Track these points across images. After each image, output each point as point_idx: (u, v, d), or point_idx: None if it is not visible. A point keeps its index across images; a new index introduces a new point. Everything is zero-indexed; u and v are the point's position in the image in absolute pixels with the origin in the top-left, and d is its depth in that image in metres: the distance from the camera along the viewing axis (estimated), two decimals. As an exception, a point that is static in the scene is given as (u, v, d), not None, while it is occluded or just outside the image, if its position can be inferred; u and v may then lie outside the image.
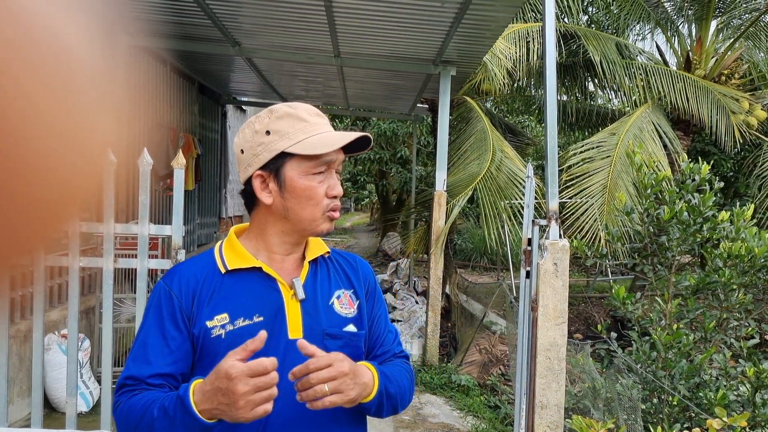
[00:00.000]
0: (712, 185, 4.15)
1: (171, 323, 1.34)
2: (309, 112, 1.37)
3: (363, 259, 1.60)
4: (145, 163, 2.74)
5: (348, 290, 1.47)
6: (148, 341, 1.34)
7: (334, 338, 1.38)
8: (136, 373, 1.31)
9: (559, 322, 3.15)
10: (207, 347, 1.32)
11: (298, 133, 1.33)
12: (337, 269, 1.50)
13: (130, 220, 5.82)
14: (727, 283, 3.94)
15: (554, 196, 3.25)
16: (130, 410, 1.27)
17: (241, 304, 1.35)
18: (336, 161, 1.38)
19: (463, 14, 4.71)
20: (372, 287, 1.54)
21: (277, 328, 1.34)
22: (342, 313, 1.43)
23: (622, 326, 7.13)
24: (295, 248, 1.43)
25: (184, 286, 1.36)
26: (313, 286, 1.42)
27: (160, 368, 1.31)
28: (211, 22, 5.35)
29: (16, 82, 0.28)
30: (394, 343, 1.54)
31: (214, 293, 1.36)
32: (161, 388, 1.31)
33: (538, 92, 10.86)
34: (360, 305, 1.47)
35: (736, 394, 3.65)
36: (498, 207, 6.56)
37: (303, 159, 1.33)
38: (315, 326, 1.37)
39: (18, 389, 4.30)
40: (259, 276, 1.38)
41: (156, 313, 1.36)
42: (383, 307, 1.57)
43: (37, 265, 2.73)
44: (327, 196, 1.36)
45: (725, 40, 9.62)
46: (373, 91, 8.93)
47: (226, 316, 1.33)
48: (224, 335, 1.32)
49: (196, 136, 8.08)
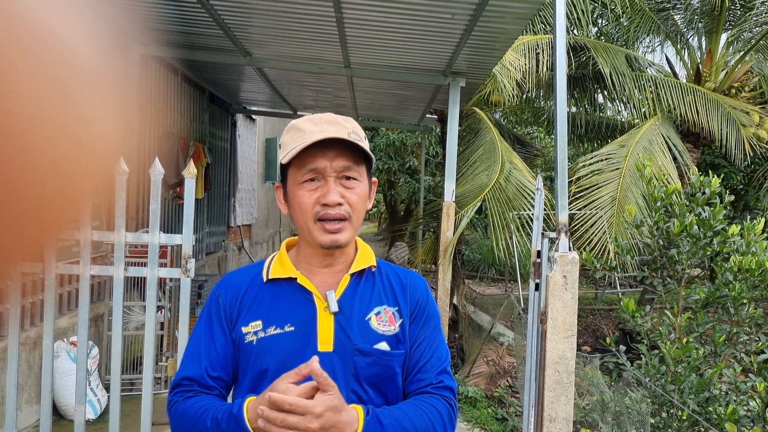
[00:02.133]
0: (723, 198, 4.14)
1: (218, 326, 1.39)
2: (314, 122, 1.34)
3: (419, 278, 1.50)
4: (156, 173, 2.75)
5: (391, 307, 1.40)
6: (200, 343, 1.40)
7: (363, 355, 1.34)
8: (189, 374, 1.37)
9: (568, 335, 3.14)
10: (242, 352, 1.36)
11: (291, 144, 1.33)
12: (384, 284, 1.44)
13: (139, 229, 5.85)
14: (737, 297, 3.92)
15: (564, 208, 3.25)
16: (184, 414, 1.32)
17: (276, 312, 1.36)
18: (327, 168, 1.31)
19: (474, 26, 4.73)
20: (420, 308, 1.43)
21: (307, 340, 1.33)
22: (378, 329, 1.37)
23: (630, 339, 7.09)
24: (327, 259, 1.40)
25: (230, 292, 1.41)
26: (351, 300, 1.38)
27: (210, 369, 1.36)
28: (222, 32, 5.39)
29: (21, 86, 0.28)
30: (436, 371, 1.40)
31: (254, 300, 1.39)
32: (212, 391, 1.36)
33: (547, 103, 10.87)
34: (403, 324, 1.39)
35: (746, 409, 3.62)
36: (506, 218, 6.55)
37: (295, 168, 1.33)
38: (346, 341, 1.34)
39: (27, 396, 4.32)
40: (297, 286, 1.38)
41: (206, 316, 1.42)
42: (433, 331, 1.44)
43: (48, 273, 2.74)
44: (319, 203, 1.32)
45: (735, 53, 9.60)
46: (383, 102, 8.95)
47: (260, 324, 1.35)
48: (255, 341, 1.35)
49: (206, 145, 8.12)
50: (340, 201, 1.31)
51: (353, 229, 1.37)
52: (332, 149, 1.31)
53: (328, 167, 1.31)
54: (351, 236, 1.37)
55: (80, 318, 2.79)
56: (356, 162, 1.34)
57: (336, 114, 1.37)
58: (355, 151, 1.33)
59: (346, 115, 1.39)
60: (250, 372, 1.35)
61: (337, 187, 1.32)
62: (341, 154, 1.32)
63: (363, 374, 1.33)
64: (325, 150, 1.30)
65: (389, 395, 1.38)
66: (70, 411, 4.43)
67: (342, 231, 1.34)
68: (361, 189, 1.36)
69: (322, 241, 1.33)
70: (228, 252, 9.91)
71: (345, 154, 1.32)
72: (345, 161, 1.32)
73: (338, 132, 1.30)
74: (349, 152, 1.33)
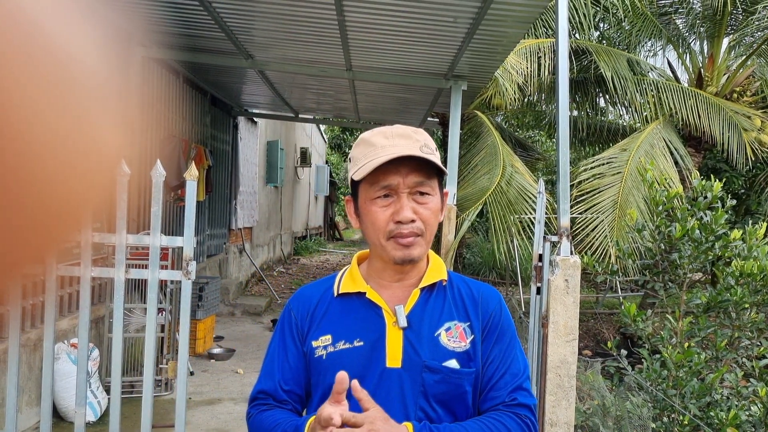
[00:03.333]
0: (724, 203, 4.13)
1: (290, 340, 1.41)
2: (385, 135, 1.32)
3: (493, 292, 1.45)
4: (158, 175, 2.75)
5: (462, 323, 1.36)
6: (274, 357, 1.42)
7: (432, 372, 1.31)
8: (263, 387, 1.40)
9: (569, 339, 3.13)
10: (313, 366, 1.37)
11: (362, 159, 1.31)
12: (455, 299, 1.40)
13: (140, 231, 5.85)
14: (739, 301, 3.91)
15: (566, 212, 3.25)
16: (260, 426, 1.36)
17: (345, 327, 1.36)
18: (401, 184, 1.28)
19: (475, 30, 4.73)
20: (493, 324, 1.39)
21: (376, 355, 1.32)
22: (448, 346, 1.33)
23: (632, 343, 7.08)
24: (399, 274, 1.38)
25: (301, 306, 1.42)
26: (421, 315, 1.35)
27: (282, 383, 1.38)
28: (224, 35, 5.40)
29: (24, 91, 0.28)
30: (509, 389, 1.35)
31: (325, 315, 1.39)
32: (285, 405, 1.38)
33: (549, 107, 10.87)
34: (474, 341, 1.35)
35: (747, 414, 3.61)
36: (508, 221, 6.55)
37: (367, 185, 1.31)
38: (414, 357, 1.31)
39: (27, 398, 4.31)
40: (366, 301, 1.37)
41: (280, 330, 1.44)
42: (508, 347, 1.39)
43: (49, 275, 2.74)
44: (393, 221, 1.29)
45: (737, 57, 9.60)
46: (384, 105, 8.96)
47: (330, 338, 1.35)
48: (325, 356, 1.34)
49: (208, 148, 8.12)
50: (413, 218, 1.29)
51: (426, 244, 1.34)
52: (405, 165, 1.28)
53: (401, 184, 1.29)
54: (423, 251, 1.34)
55: (81, 320, 2.79)
56: (428, 176, 1.32)
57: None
58: (427, 165, 1.30)
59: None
60: (321, 386, 1.35)
61: (410, 203, 1.29)
62: (414, 169, 1.29)
63: (431, 392, 1.30)
64: (397, 166, 1.28)
65: (458, 414, 1.35)
66: (70, 413, 4.42)
67: (415, 246, 1.31)
68: (434, 204, 1.33)
69: (395, 257, 1.31)
70: (229, 255, 9.91)
71: (417, 170, 1.29)
72: (418, 177, 1.30)
73: (410, 147, 1.28)
74: (422, 167, 1.30)
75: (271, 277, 12.05)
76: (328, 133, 24.09)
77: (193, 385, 5.55)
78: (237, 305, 9.06)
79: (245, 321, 8.59)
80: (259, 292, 10.67)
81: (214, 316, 7.04)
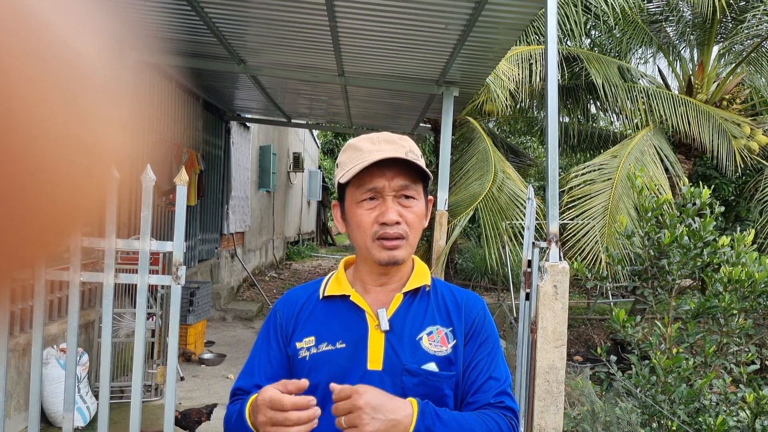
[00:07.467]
0: (713, 209, 4.16)
1: (275, 341, 1.43)
2: (372, 141, 1.36)
3: (476, 298, 1.48)
4: (148, 179, 2.75)
5: (445, 328, 1.38)
6: (255, 355, 1.45)
7: (411, 375, 1.33)
8: (241, 385, 1.44)
9: (558, 345, 3.15)
10: (295, 367, 1.39)
11: (348, 164, 1.35)
12: (438, 304, 1.42)
13: (131, 235, 5.83)
14: (727, 307, 3.94)
15: (555, 218, 3.26)
16: (228, 419, 1.40)
17: (328, 329, 1.38)
18: (386, 187, 1.32)
19: (467, 36, 4.75)
20: (477, 329, 1.41)
21: (358, 357, 1.34)
22: (429, 350, 1.35)
23: (622, 349, 7.10)
24: (383, 277, 1.41)
25: (287, 307, 1.46)
26: (404, 319, 1.38)
27: (260, 380, 1.40)
28: (217, 40, 5.40)
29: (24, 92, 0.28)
30: (494, 392, 1.36)
31: (309, 317, 1.42)
32: None
33: (541, 113, 10.92)
34: (456, 346, 1.37)
35: (736, 420, 3.63)
36: (499, 227, 6.57)
37: (354, 188, 1.35)
38: (395, 360, 1.34)
39: (15, 403, 4.29)
40: (350, 304, 1.40)
41: (265, 331, 1.47)
42: (491, 353, 1.41)
43: (38, 279, 2.73)
44: (378, 222, 1.33)
45: (727, 65, 9.68)
46: (377, 110, 8.98)
47: (313, 340, 1.38)
48: (308, 357, 1.37)
49: (200, 152, 8.11)
50: (398, 220, 1.32)
51: (410, 248, 1.37)
52: (390, 168, 1.32)
53: (386, 186, 1.32)
54: (408, 254, 1.37)
55: (70, 324, 2.78)
56: (414, 181, 1.35)
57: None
58: (412, 170, 1.34)
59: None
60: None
61: (395, 206, 1.33)
62: (399, 173, 1.33)
63: (411, 395, 1.31)
64: (383, 169, 1.32)
65: None
66: (59, 418, 4.40)
67: (399, 248, 1.34)
68: (419, 208, 1.37)
69: (380, 258, 1.34)
70: (221, 259, 9.89)
71: (403, 174, 1.33)
72: (403, 180, 1.33)
73: (396, 151, 1.32)
74: (407, 171, 1.34)
75: (263, 282, 12.03)
76: (321, 138, 24.08)
77: (183, 391, 5.53)
78: (228, 310, 9.04)
79: (237, 326, 8.57)
80: (251, 297, 10.64)
81: (205, 321, 7.01)
